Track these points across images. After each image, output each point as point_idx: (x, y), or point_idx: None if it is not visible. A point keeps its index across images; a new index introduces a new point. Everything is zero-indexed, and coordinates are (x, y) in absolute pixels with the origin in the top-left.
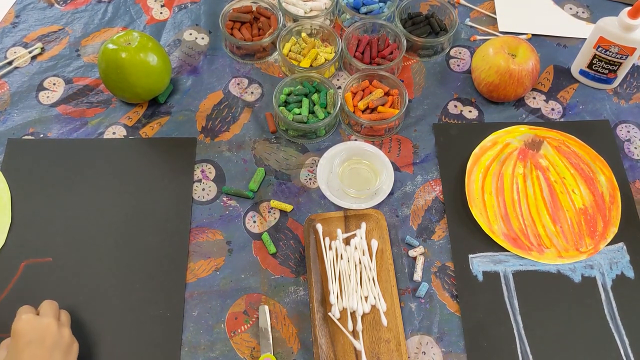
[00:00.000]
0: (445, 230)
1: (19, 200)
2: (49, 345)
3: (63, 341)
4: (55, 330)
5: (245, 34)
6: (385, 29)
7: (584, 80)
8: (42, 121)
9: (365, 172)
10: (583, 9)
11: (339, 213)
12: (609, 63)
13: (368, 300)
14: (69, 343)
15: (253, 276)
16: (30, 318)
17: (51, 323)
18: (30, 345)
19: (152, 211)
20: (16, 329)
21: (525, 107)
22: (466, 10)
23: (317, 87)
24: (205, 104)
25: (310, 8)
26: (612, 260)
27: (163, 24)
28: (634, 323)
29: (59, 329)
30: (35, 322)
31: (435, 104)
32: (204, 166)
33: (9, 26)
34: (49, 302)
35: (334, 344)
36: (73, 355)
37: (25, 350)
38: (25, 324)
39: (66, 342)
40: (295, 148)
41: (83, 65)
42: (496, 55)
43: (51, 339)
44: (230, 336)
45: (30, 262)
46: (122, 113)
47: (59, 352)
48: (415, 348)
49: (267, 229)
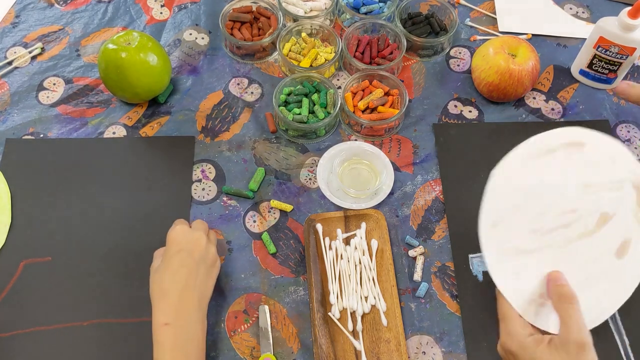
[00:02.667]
0: (445, 230)
1: (18, 200)
2: (196, 257)
3: (209, 257)
4: (204, 245)
5: (245, 34)
6: (385, 29)
7: (584, 80)
8: (42, 121)
9: (365, 172)
10: (583, 9)
11: (339, 213)
12: (609, 63)
13: (368, 300)
14: (213, 260)
15: (253, 276)
16: (184, 229)
17: (201, 237)
18: (181, 253)
19: (151, 210)
20: (170, 237)
21: (525, 107)
22: (466, 10)
23: (317, 87)
24: (205, 104)
25: (310, 8)
26: None
27: (163, 24)
28: (634, 323)
29: (206, 245)
30: (188, 233)
31: (435, 104)
32: (204, 166)
33: (9, 26)
34: (200, 221)
35: (334, 344)
36: (215, 273)
37: (176, 256)
38: (178, 234)
39: (211, 259)
40: (295, 148)
41: (83, 65)
42: (496, 55)
43: (199, 251)
44: (230, 336)
45: (30, 262)
46: (122, 113)
47: (204, 265)
48: (415, 348)
49: (267, 229)
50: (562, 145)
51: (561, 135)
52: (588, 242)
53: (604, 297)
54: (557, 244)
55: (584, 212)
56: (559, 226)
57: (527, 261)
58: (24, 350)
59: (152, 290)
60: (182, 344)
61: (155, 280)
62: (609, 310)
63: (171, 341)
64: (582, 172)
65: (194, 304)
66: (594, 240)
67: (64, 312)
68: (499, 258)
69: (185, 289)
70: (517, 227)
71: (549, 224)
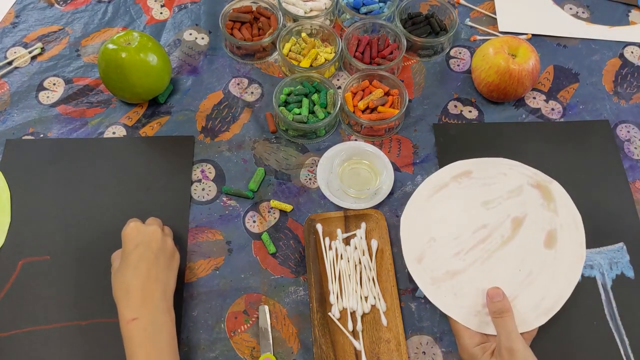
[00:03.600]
0: None
1: (18, 200)
2: (154, 249)
3: (167, 248)
4: (160, 237)
5: (245, 34)
6: (385, 29)
7: None
8: (42, 121)
9: (365, 172)
10: (583, 9)
11: (339, 213)
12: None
13: (368, 300)
14: (172, 251)
15: (253, 276)
16: (138, 225)
17: (156, 230)
18: (139, 248)
19: (150, 210)
20: (126, 234)
21: (525, 107)
22: (466, 10)
23: (317, 87)
24: (205, 104)
25: (310, 8)
26: (612, 260)
27: (163, 24)
28: (634, 323)
29: (163, 237)
30: (142, 228)
31: (435, 104)
32: (203, 166)
33: (9, 26)
34: (153, 218)
35: (334, 344)
36: (175, 264)
37: (134, 251)
38: (133, 230)
39: (169, 250)
40: (295, 148)
41: (83, 65)
42: (496, 55)
43: (156, 244)
44: (230, 336)
45: (28, 261)
46: (122, 113)
47: (163, 256)
48: (415, 348)
49: (267, 229)
50: (451, 178)
51: (448, 170)
52: (512, 247)
53: (552, 287)
54: (482, 258)
55: (495, 224)
56: (478, 242)
57: (461, 279)
58: (23, 349)
59: (115, 291)
60: (152, 336)
61: (117, 279)
62: (565, 294)
63: (141, 335)
64: (477, 194)
65: (159, 295)
66: (517, 242)
67: (62, 311)
68: (435, 285)
69: (148, 281)
70: (440, 256)
71: (467, 244)
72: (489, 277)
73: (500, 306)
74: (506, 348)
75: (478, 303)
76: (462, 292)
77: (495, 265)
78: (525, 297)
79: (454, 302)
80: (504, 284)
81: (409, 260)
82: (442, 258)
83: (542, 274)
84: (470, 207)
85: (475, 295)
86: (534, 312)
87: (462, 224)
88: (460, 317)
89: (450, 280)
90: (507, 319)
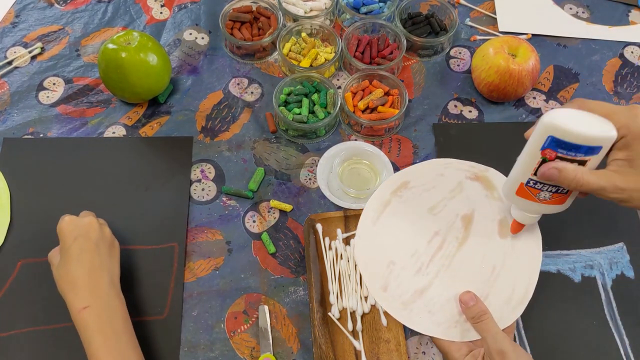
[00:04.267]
0: None
1: (18, 199)
2: (94, 239)
3: (105, 236)
4: (97, 227)
5: (245, 34)
6: (385, 29)
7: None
8: (42, 121)
9: (365, 172)
10: (583, 9)
11: (338, 213)
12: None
13: (368, 300)
14: (111, 239)
15: (253, 276)
16: (72, 218)
17: (92, 221)
18: (78, 240)
19: (150, 210)
20: (62, 229)
21: (525, 107)
22: (466, 10)
23: (317, 87)
24: (205, 104)
25: (310, 8)
26: (612, 260)
27: (163, 23)
28: (634, 323)
29: (99, 226)
30: (78, 220)
31: (435, 104)
32: (203, 166)
33: (9, 26)
34: (86, 211)
35: (334, 344)
36: (116, 251)
37: (74, 244)
38: (68, 223)
39: (108, 238)
40: (295, 148)
41: (83, 65)
42: (496, 55)
43: (95, 233)
44: (230, 336)
45: (27, 262)
46: (122, 113)
47: (103, 244)
48: (415, 348)
49: (267, 229)
50: (391, 194)
51: (385, 187)
52: (469, 246)
53: (519, 275)
54: (444, 266)
55: (446, 228)
56: (435, 251)
57: (430, 295)
58: (22, 350)
59: (61, 286)
60: (107, 321)
61: (61, 274)
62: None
63: (95, 321)
64: (420, 203)
65: (106, 282)
66: (472, 240)
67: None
68: (407, 309)
69: (93, 270)
70: (404, 278)
71: (425, 257)
72: (456, 283)
73: (476, 310)
74: (496, 350)
75: (454, 313)
76: (435, 307)
77: (458, 269)
78: (496, 293)
79: (430, 320)
80: (472, 285)
81: (373, 291)
82: (406, 280)
83: (505, 264)
84: (417, 218)
85: (449, 306)
86: (509, 305)
87: (415, 238)
88: (441, 334)
89: (420, 300)
90: (487, 321)
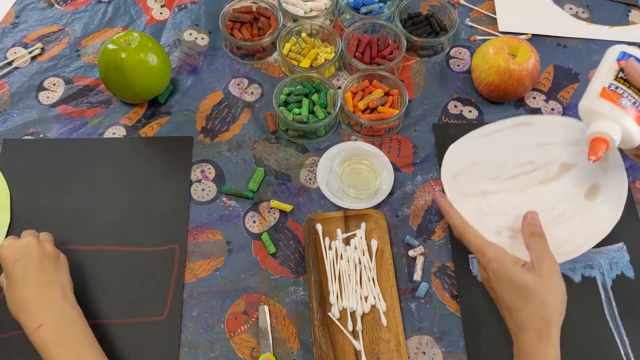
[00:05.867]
0: (445, 230)
1: (18, 200)
2: (35, 257)
3: (48, 252)
4: (36, 245)
5: (245, 34)
6: (385, 29)
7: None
8: (42, 121)
9: (365, 172)
10: (583, 9)
11: (339, 213)
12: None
13: (368, 300)
14: (55, 254)
15: (253, 276)
16: (10, 241)
17: (31, 240)
18: (19, 261)
19: (150, 210)
20: (1, 254)
21: (525, 107)
22: (466, 10)
23: (317, 87)
24: (205, 104)
25: (310, 8)
26: (612, 260)
27: (163, 24)
28: (634, 323)
29: (39, 244)
30: (16, 242)
31: (435, 104)
32: (203, 166)
33: (9, 26)
34: (27, 230)
35: (334, 344)
36: (63, 263)
37: (16, 267)
38: (7, 248)
39: (52, 253)
40: (295, 148)
41: (83, 65)
42: (496, 55)
43: (36, 252)
44: (230, 336)
45: None
46: (122, 113)
47: (47, 260)
48: (415, 348)
49: (267, 229)
50: (512, 124)
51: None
52: (552, 186)
53: (578, 234)
54: (519, 187)
55: (543, 163)
56: (520, 174)
57: (490, 199)
58: (22, 350)
59: (13, 309)
60: (64, 334)
61: (10, 298)
62: (585, 246)
63: (52, 337)
64: (535, 137)
65: (57, 296)
66: (559, 184)
67: None
68: (462, 198)
69: (41, 288)
70: (477, 177)
71: (508, 173)
72: (520, 205)
73: (537, 230)
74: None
75: (500, 225)
76: (488, 210)
77: (529, 198)
78: (550, 234)
79: (476, 219)
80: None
81: (444, 175)
82: (477, 178)
83: (574, 219)
84: (522, 144)
85: (500, 218)
86: (554, 250)
87: (510, 155)
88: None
89: (479, 198)
90: (545, 243)
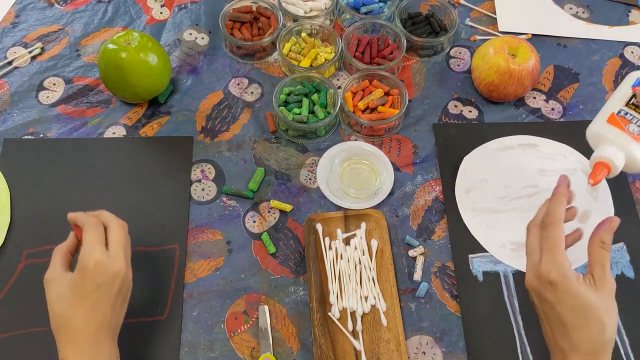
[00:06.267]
0: (445, 230)
1: (18, 200)
2: (115, 291)
3: (126, 285)
4: (123, 276)
5: (245, 34)
6: (385, 29)
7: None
8: (42, 121)
9: (365, 172)
10: (583, 9)
11: (339, 213)
12: None
13: (368, 300)
14: (129, 287)
15: (253, 276)
16: (104, 259)
17: (121, 268)
18: (100, 289)
19: (150, 210)
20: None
21: (525, 107)
22: (466, 10)
23: (317, 87)
24: (205, 104)
25: (310, 8)
26: (612, 260)
27: (163, 24)
28: (634, 323)
29: (126, 274)
30: (109, 264)
31: (435, 104)
32: (203, 166)
33: (9, 26)
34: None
35: (334, 344)
36: (127, 300)
37: (94, 293)
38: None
39: (128, 286)
40: (295, 148)
41: (83, 65)
42: (496, 55)
43: (118, 284)
44: (230, 336)
45: (29, 262)
46: (122, 113)
47: (121, 296)
48: (415, 348)
49: (267, 229)
50: (518, 145)
51: (516, 138)
52: None
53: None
54: (523, 208)
55: (544, 187)
56: (524, 196)
57: (497, 217)
58: (22, 350)
59: (59, 325)
60: None
61: (63, 312)
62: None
63: None
64: (537, 162)
65: (108, 342)
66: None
67: None
68: (473, 214)
69: (100, 329)
70: (487, 194)
71: (514, 193)
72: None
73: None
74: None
75: (505, 239)
76: (494, 227)
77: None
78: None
79: (483, 232)
80: None
81: (458, 190)
82: (488, 196)
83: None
84: (527, 168)
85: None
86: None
87: (515, 178)
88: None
89: (487, 215)
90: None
